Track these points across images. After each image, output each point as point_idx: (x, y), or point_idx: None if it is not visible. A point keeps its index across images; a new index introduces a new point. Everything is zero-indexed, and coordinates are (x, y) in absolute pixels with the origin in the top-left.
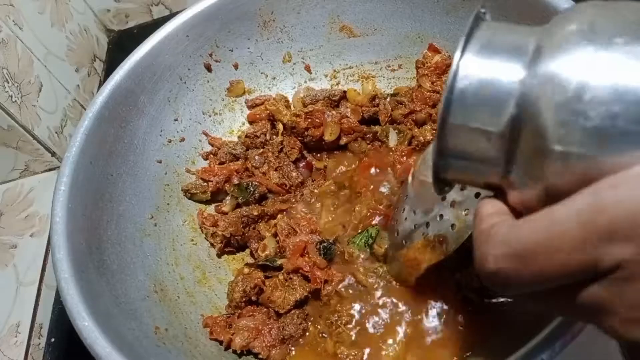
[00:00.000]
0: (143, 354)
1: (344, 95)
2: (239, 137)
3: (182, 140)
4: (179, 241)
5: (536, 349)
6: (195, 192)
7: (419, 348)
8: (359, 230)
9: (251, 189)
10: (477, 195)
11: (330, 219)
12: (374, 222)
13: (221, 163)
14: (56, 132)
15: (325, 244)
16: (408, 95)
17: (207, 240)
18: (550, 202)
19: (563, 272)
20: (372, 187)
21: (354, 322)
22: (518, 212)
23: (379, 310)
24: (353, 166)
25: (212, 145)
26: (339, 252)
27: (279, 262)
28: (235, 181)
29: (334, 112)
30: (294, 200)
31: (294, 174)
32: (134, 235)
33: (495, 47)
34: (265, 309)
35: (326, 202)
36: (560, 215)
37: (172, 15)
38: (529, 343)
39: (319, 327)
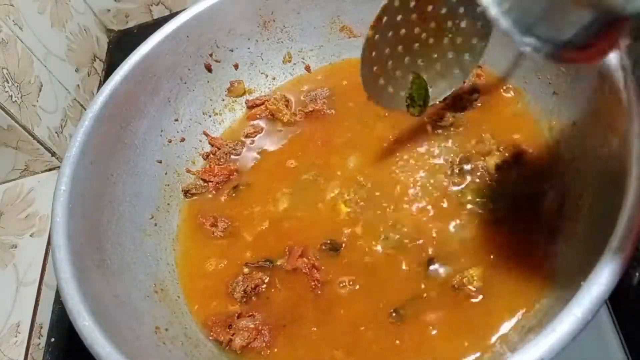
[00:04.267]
0: (143, 354)
1: None
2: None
3: (183, 140)
4: (179, 241)
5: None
6: (195, 192)
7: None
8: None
9: None
10: None
11: None
12: None
13: (221, 163)
14: (56, 132)
15: (330, 244)
16: None
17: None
18: None
19: None
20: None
21: (353, 325)
22: None
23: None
24: None
25: (213, 145)
26: (344, 249)
27: (279, 262)
28: (235, 182)
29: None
30: None
31: None
32: (134, 235)
33: None
34: (265, 309)
35: None
36: None
37: (172, 15)
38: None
39: (318, 329)
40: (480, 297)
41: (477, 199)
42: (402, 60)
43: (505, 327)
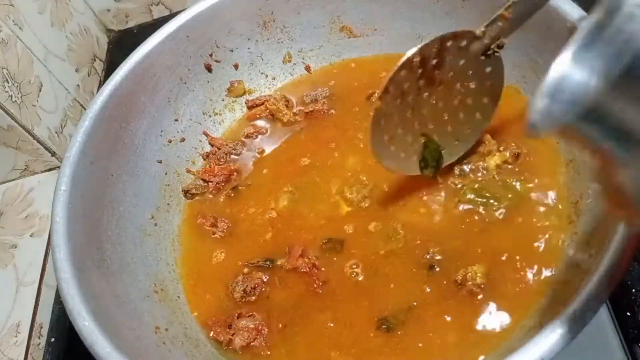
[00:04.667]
0: (143, 354)
1: None
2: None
3: (183, 140)
4: (179, 241)
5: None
6: (195, 192)
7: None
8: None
9: None
10: None
11: None
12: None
13: (221, 163)
14: (56, 132)
15: (331, 243)
16: None
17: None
18: None
19: None
20: None
21: (355, 325)
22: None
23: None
24: None
25: (212, 146)
26: (345, 249)
27: (279, 262)
28: (235, 182)
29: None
30: None
31: None
32: (134, 235)
33: None
34: (265, 309)
35: None
36: None
37: (172, 15)
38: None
39: (319, 329)
40: (482, 295)
41: (478, 199)
42: (412, 125)
43: (507, 326)
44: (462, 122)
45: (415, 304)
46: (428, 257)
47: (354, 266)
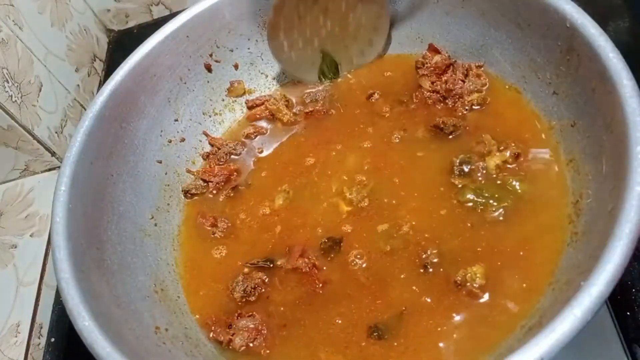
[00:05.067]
0: (143, 354)
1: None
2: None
3: (183, 140)
4: (179, 241)
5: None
6: (195, 192)
7: None
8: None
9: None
10: None
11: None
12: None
13: (221, 163)
14: (56, 132)
15: (331, 243)
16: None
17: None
18: None
19: None
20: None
21: (355, 326)
22: None
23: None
24: None
25: (212, 146)
26: (345, 248)
27: (279, 262)
28: (235, 182)
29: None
30: None
31: None
32: (134, 235)
33: None
34: (265, 309)
35: None
36: None
37: (172, 15)
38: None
39: (319, 330)
40: (482, 296)
41: (478, 199)
42: (312, 42)
43: (507, 327)
44: (358, 48)
45: (414, 305)
46: (427, 258)
47: (354, 266)
